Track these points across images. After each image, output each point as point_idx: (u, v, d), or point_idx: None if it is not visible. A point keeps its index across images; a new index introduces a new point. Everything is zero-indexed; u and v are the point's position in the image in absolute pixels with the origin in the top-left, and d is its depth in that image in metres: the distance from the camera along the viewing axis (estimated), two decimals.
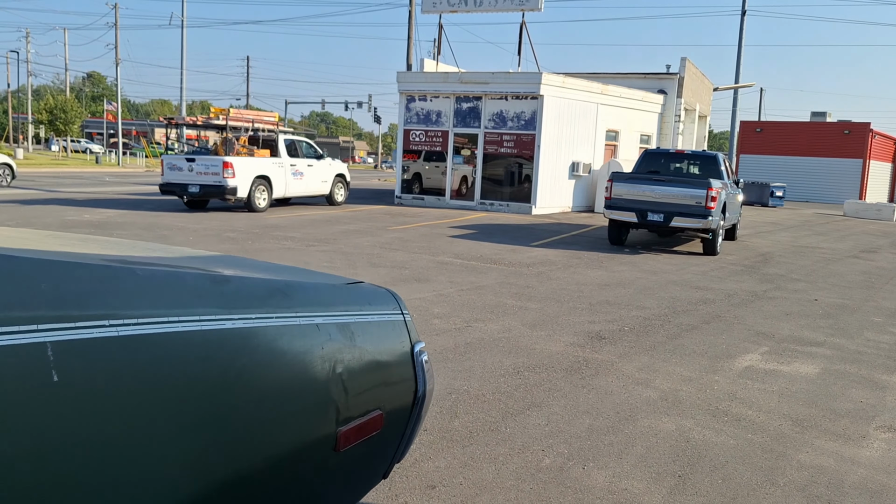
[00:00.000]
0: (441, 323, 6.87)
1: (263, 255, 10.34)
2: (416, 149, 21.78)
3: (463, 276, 9.58)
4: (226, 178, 15.78)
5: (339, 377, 1.80)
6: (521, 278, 9.66)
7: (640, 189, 13.18)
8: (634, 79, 24.85)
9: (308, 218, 16.13)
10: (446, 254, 11.51)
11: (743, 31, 41.36)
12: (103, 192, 21.92)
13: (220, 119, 16.17)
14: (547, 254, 12.27)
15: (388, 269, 9.68)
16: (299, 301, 1.78)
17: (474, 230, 15.26)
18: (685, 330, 7.22)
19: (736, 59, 40.55)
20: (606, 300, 8.52)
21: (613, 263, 11.62)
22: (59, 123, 54.24)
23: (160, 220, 14.36)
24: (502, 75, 20.24)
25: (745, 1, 41.69)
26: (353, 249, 11.42)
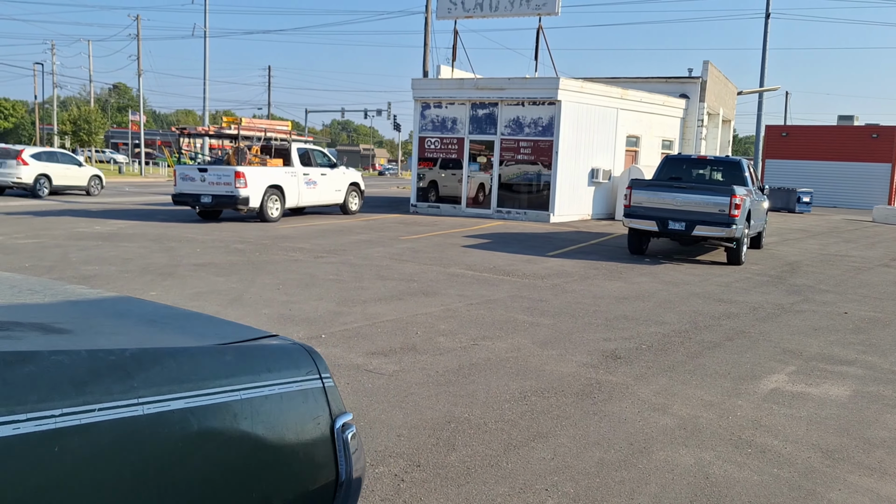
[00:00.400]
0: (446, 341, 6.53)
1: (270, 267, 10.09)
2: (431, 156, 21.50)
3: (473, 289, 9.24)
4: (238, 188, 15.60)
5: (205, 483, 1.38)
6: (534, 291, 9.29)
7: (660, 196, 12.74)
8: (655, 83, 24.37)
9: (320, 228, 15.90)
10: (458, 265, 11.17)
11: (767, 35, 40.65)
12: (120, 203, 21.91)
13: (231, 128, 16.04)
14: (563, 264, 11.88)
15: (396, 283, 9.37)
16: (151, 379, 1.33)
17: (489, 240, 14.91)
18: (707, 348, 6.81)
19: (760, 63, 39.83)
20: (624, 315, 8.12)
21: (633, 274, 11.20)
22: (82, 134, 54.87)
23: (170, 231, 14.20)
24: (519, 81, 19.90)
25: (768, 4, 41.05)
26: (362, 261, 11.13)
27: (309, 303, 7.84)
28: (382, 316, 7.39)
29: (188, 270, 9.52)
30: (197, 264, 10.04)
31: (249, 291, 8.29)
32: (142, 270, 9.39)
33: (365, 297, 8.34)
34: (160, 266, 9.80)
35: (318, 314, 7.31)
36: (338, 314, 7.36)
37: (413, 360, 5.87)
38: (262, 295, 8.13)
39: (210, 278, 9.02)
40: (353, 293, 8.51)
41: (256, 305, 7.55)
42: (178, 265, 9.89)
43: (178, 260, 10.34)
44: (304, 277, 9.38)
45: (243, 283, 8.82)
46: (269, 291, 8.36)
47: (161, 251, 11.17)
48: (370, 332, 6.67)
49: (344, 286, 8.93)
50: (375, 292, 8.64)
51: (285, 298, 8.00)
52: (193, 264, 10.02)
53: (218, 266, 9.98)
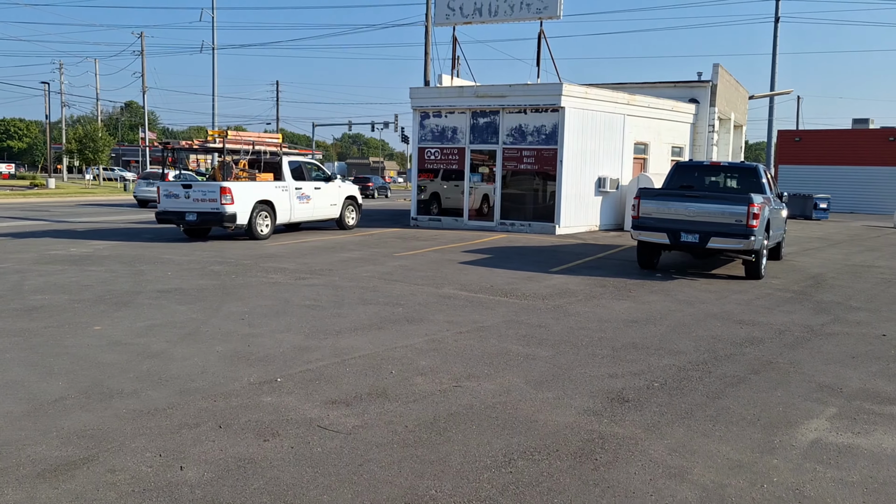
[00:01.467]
0: (424, 382, 5.59)
1: (242, 292, 9.20)
2: (431, 167, 20.63)
3: (465, 313, 8.30)
4: (224, 204, 14.77)
5: None
6: (533, 315, 8.34)
7: (671, 206, 11.77)
8: (664, 88, 23.43)
9: (311, 245, 15.02)
10: (452, 285, 10.24)
11: (777, 38, 39.79)
12: (111, 221, 21.18)
13: (216, 141, 15.24)
14: (567, 282, 10.93)
15: (379, 307, 8.44)
16: None
17: (489, 255, 13.98)
18: (730, 384, 5.83)
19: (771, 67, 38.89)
20: (633, 342, 7.15)
21: (643, 292, 10.23)
22: (87, 152, 54.49)
23: (149, 251, 13.36)
24: (520, 87, 19.01)
25: (777, 7, 40.17)
26: (347, 282, 10.22)
27: (274, 336, 6.92)
28: (355, 350, 6.46)
29: (149, 298, 8.64)
30: (162, 290, 9.16)
31: (209, 323, 7.39)
32: (97, 299, 8.51)
33: (340, 326, 7.42)
34: (120, 293, 8.92)
35: (280, 350, 6.39)
36: (303, 350, 6.44)
37: (380, 410, 4.94)
38: (222, 327, 7.22)
39: (170, 307, 8.13)
40: (328, 322, 7.60)
41: (211, 341, 6.64)
42: (139, 292, 9.02)
43: (142, 286, 9.47)
44: (277, 304, 8.48)
45: (206, 311, 7.92)
46: (233, 322, 7.46)
47: (128, 275, 10.31)
48: (336, 373, 5.75)
49: (319, 313, 8.02)
50: (354, 320, 7.72)
51: (248, 331, 7.09)
52: (158, 291, 9.14)
53: (184, 292, 9.09)
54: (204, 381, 5.41)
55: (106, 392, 5.15)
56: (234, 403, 4.97)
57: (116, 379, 5.44)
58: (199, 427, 4.53)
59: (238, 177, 15.59)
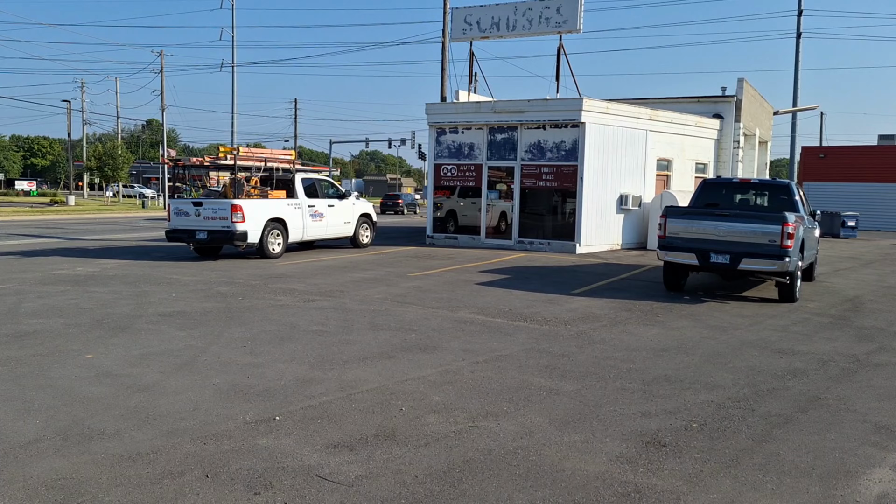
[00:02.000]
0: (437, 422, 5.06)
1: (247, 316, 8.73)
2: (448, 184, 20.18)
3: (482, 340, 7.77)
4: (234, 222, 14.39)
5: None
6: (555, 342, 7.79)
7: (700, 226, 11.19)
8: (686, 103, 22.87)
9: (322, 264, 14.58)
10: (468, 308, 9.72)
11: (799, 54, 39.21)
12: (124, 239, 20.93)
13: (227, 158, 14.91)
14: (590, 305, 10.36)
15: (391, 333, 7.94)
16: None
17: (507, 275, 13.44)
18: (776, 425, 5.25)
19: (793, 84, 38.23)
20: (665, 374, 6.58)
21: (671, 317, 9.64)
22: (107, 170, 54.80)
23: (156, 271, 12.98)
24: (539, 103, 18.54)
25: (799, 23, 39.61)
26: (358, 304, 9.73)
27: (276, 365, 6.44)
28: (362, 383, 5.95)
29: (148, 323, 8.20)
30: (163, 314, 8.73)
31: (209, 351, 6.92)
32: (94, 324, 8.09)
33: (348, 355, 6.92)
34: (119, 317, 8.50)
35: (281, 383, 5.90)
36: (307, 382, 5.94)
37: (387, 455, 4.42)
38: (222, 355, 6.75)
39: (170, 332, 7.68)
40: (336, 350, 7.10)
41: (208, 372, 6.17)
42: (140, 316, 8.59)
43: (143, 309, 9.04)
44: (282, 329, 8.00)
45: (207, 338, 7.46)
46: (233, 350, 6.98)
47: (130, 297, 9.90)
48: (340, 410, 5.24)
49: (327, 340, 7.52)
50: (362, 348, 7.22)
51: (249, 360, 6.61)
52: (159, 314, 8.70)
53: (186, 316, 8.65)
54: (195, 420, 4.93)
55: (86, 433, 4.67)
56: (225, 447, 4.47)
57: (99, 417, 4.98)
58: (184, 476, 4.03)
59: (249, 194, 15.23)
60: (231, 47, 48.76)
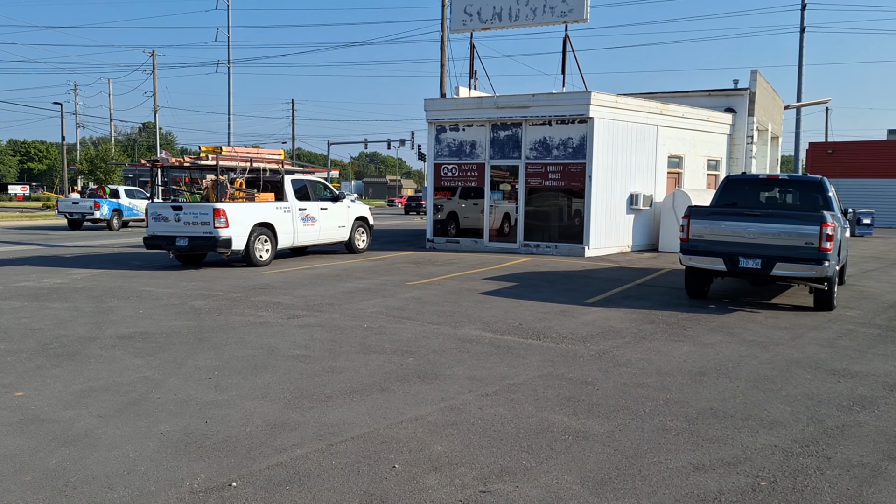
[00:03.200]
0: (438, 485, 3.98)
1: (220, 337, 7.64)
2: (448, 185, 19.09)
3: (490, 364, 6.68)
4: (217, 227, 13.30)
5: None
6: (574, 365, 6.71)
7: (727, 227, 10.11)
8: (697, 97, 21.79)
9: (313, 272, 13.49)
10: (473, 323, 8.64)
11: (803, 49, 38.23)
12: (108, 245, 19.85)
13: (209, 158, 13.84)
14: (608, 317, 9.28)
15: (385, 357, 6.85)
16: None
17: (514, 282, 12.36)
18: (864, 480, 4.16)
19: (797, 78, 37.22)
20: (710, 407, 5.50)
21: (700, 330, 8.56)
22: (99, 173, 53.76)
23: (129, 282, 11.89)
24: (544, 97, 17.46)
25: (803, 17, 38.58)
26: (348, 321, 8.65)
27: (244, 404, 5.35)
28: (347, 428, 4.87)
29: (103, 347, 7.11)
30: (122, 336, 7.63)
31: (166, 385, 5.83)
32: (39, 349, 7.00)
33: (333, 387, 5.84)
34: (71, 340, 7.40)
35: (246, 430, 4.81)
36: (279, 427, 4.85)
37: None
38: (180, 391, 5.66)
39: (124, 360, 6.59)
40: (318, 381, 6.02)
41: (159, 415, 5.07)
42: (94, 338, 7.49)
43: (102, 329, 7.95)
44: (258, 354, 6.91)
45: (166, 367, 6.37)
46: (195, 383, 5.89)
47: (91, 315, 8.80)
48: (317, 470, 4.15)
49: (309, 368, 6.44)
50: (351, 378, 6.13)
51: (211, 396, 5.52)
52: (118, 336, 7.61)
53: (148, 338, 7.56)
54: (126, 490, 3.84)
55: None
56: None
57: (4, 485, 3.89)
58: None
59: (234, 197, 14.15)
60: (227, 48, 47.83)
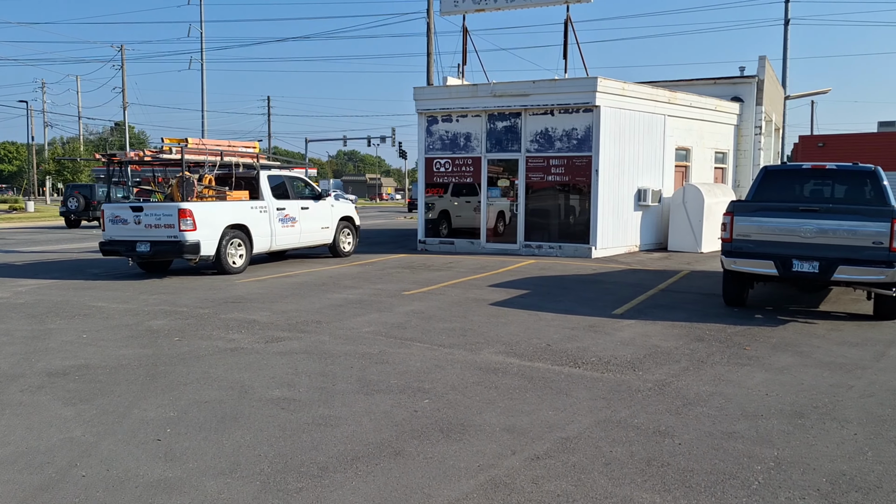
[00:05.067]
0: None
1: (178, 371, 6.05)
2: (441, 181, 17.56)
3: (529, 405, 5.18)
4: (183, 230, 11.65)
5: None
6: (634, 404, 5.24)
7: (779, 225, 8.71)
8: (702, 85, 20.46)
9: (295, 281, 11.89)
10: (491, 344, 7.13)
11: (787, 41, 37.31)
12: (68, 251, 18.07)
13: (173, 152, 12.21)
14: (647, 333, 7.83)
15: (392, 399, 5.31)
16: None
17: (524, 289, 10.88)
18: None
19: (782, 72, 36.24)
20: (840, 471, 4.06)
21: (762, 348, 7.14)
22: (66, 173, 51.49)
23: (79, 296, 10.22)
24: (546, 84, 16.00)
25: (787, 10, 37.66)
26: (340, 345, 7.10)
27: (205, 483, 3.79)
28: None
29: (25, 390, 5.48)
30: (55, 372, 6.01)
31: (98, 450, 4.25)
32: None
33: (328, 450, 4.29)
34: None
35: None
36: None
37: None
38: (115, 463, 4.08)
39: (51, 410, 4.99)
40: (308, 440, 4.47)
41: None
42: (19, 376, 5.86)
43: (30, 362, 6.31)
44: (227, 396, 5.34)
45: (104, 420, 4.78)
46: (139, 447, 4.31)
47: (23, 341, 7.15)
48: None
49: (294, 418, 4.88)
50: (350, 434, 4.59)
51: (159, 472, 3.95)
52: (49, 372, 5.99)
53: (87, 374, 5.94)
54: None
55: None
56: None
57: None
58: None
59: (202, 195, 12.49)
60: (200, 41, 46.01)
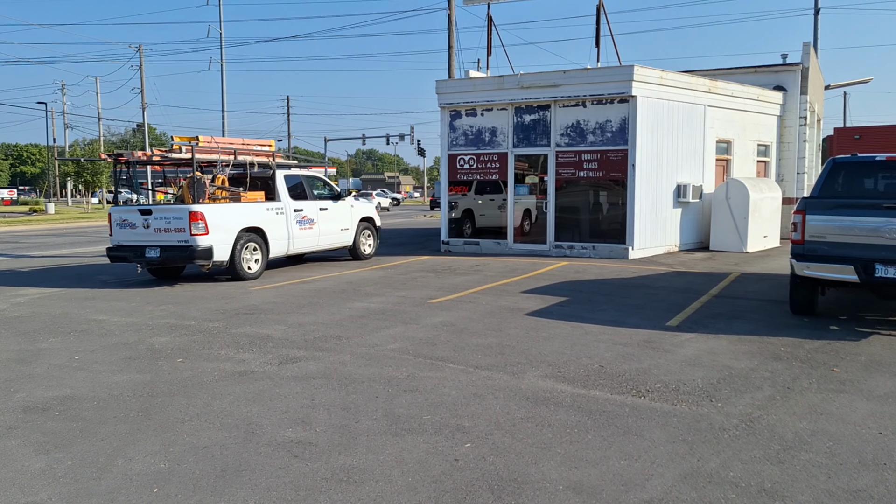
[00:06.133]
0: None
1: (175, 406, 5.17)
2: (465, 178, 16.63)
3: (594, 452, 4.24)
4: (195, 235, 10.84)
5: None
6: (723, 448, 4.28)
7: (859, 225, 7.67)
8: (742, 74, 19.27)
9: (313, 287, 11.03)
10: (535, 365, 6.19)
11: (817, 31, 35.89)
12: (81, 254, 17.41)
13: (183, 151, 11.40)
14: (713, 349, 6.85)
15: (426, 441, 4.40)
16: None
17: (562, 296, 9.91)
18: None
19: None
20: None
21: (853, 369, 6.13)
22: (85, 175, 51.27)
23: (80, 308, 9.43)
24: (578, 73, 14.99)
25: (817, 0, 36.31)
26: (363, 367, 6.20)
27: None
28: None
29: None
30: (34, 406, 5.16)
31: None
32: None
33: None
34: None
35: None
36: None
37: None
38: None
39: (19, 461, 4.13)
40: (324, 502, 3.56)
41: None
42: None
43: (9, 393, 5.45)
44: (230, 439, 4.46)
45: (81, 475, 3.91)
46: None
47: (5, 365, 6.32)
48: None
49: (309, 471, 3.98)
50: (378, 495, 3.68)
51: None
52: (26, 406, 5.14)
53: (72, 408, 5.09)
54: None
55: None
56: None
57: None
58: None
59: (215, 197, 11.67)
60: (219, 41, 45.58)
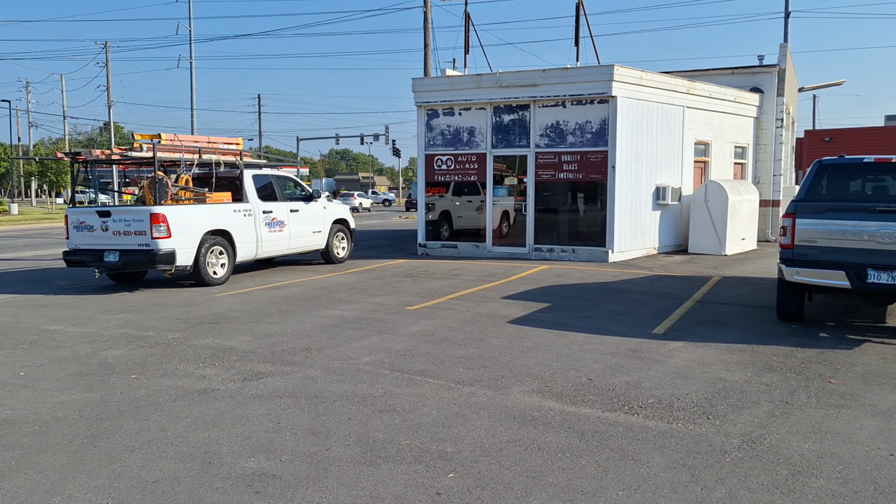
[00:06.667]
0: None
1: (123, 431, 4.68)
2: (442, 179, 16.22)
3: (589, 482, 3.85)
4: (156, 238, 10.28)
5: None
6: (727, 475, 3.92)
7: (851, 229, 7.40)
8: (719, 75, 19.14)
9: (283, 293, 10.52)
10: (520, 378, 5.79)
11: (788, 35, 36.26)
12: (40, 257, 16.66)
13: (144, 149, 10.83)
14: (703, 359, 6.52)
15: (405, 472, 3.97)
16: None
17: (544, 302, 9.54)
18: None
19: None
20: None
21: (850, 381, 5.84)
22: (50, 174, 49.87)
23: (32, 315, 8.83)
24: (557, 73, 14.67)
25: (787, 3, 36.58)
26: (335, 383, 5.75)
27: None
28: None
29: None
30: None
31: None
32: None
33: None
34: None
35: None
36: None
37: None
38: None
39: None
40: None
41: None
42: None
43: None
44: (183, 472, 3.98)
45: None
46: None
47: None
48: None
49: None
50: None
51: None
52: None
53: (12, 434, 4.58)
54: None
55: None
56: None
57: None
58: None
59: (178, 198, 11.10)
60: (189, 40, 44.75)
